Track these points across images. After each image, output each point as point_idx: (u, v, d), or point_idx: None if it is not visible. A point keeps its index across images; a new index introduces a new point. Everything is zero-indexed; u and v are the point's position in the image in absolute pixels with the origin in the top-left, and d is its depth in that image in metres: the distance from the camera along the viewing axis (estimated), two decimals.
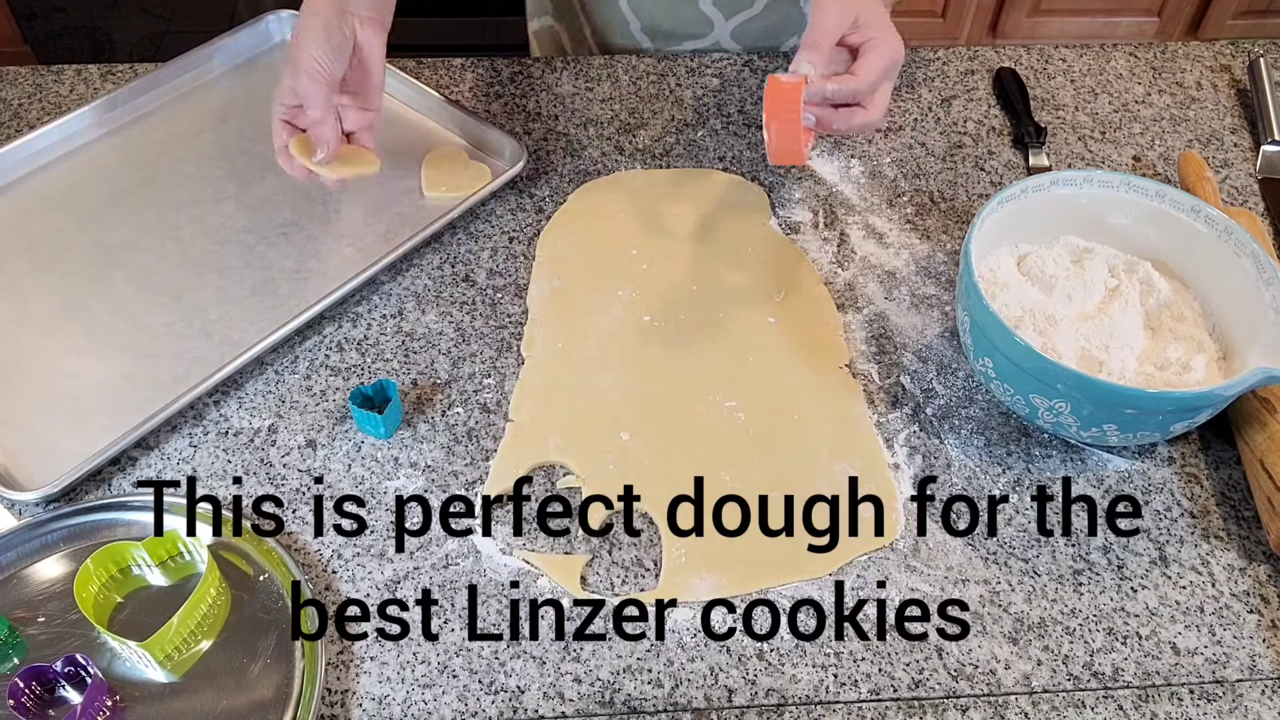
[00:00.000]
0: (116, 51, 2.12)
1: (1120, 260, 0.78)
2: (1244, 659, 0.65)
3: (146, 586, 0.66)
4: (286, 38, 1.02)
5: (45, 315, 0.79)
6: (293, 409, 0.75)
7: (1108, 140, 0.97)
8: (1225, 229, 0.75)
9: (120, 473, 0.71)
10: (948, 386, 0.78)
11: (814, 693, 0.63)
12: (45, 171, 0.90)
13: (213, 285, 0.82)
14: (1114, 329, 0.73)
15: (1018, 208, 0.77)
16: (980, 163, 0.95)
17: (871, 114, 0.77)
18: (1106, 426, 0.69)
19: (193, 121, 0.94)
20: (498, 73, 1.00)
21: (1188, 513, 0.72)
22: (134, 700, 0.61)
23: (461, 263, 0.85)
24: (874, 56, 0.76)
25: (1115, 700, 0.63)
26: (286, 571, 0.65)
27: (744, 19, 1.03)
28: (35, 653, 0.63)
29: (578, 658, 0.64)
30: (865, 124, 0.77)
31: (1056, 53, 1.06)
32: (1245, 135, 0.98)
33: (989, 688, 0.63)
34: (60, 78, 0.98)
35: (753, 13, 1.03)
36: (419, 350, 0.79)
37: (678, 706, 0.62)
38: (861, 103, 0.77)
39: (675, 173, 0.92)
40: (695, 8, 1.02)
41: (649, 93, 0.99)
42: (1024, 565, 0.69)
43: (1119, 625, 0.66)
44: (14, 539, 0.67)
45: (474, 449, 0.73)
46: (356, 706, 0.62)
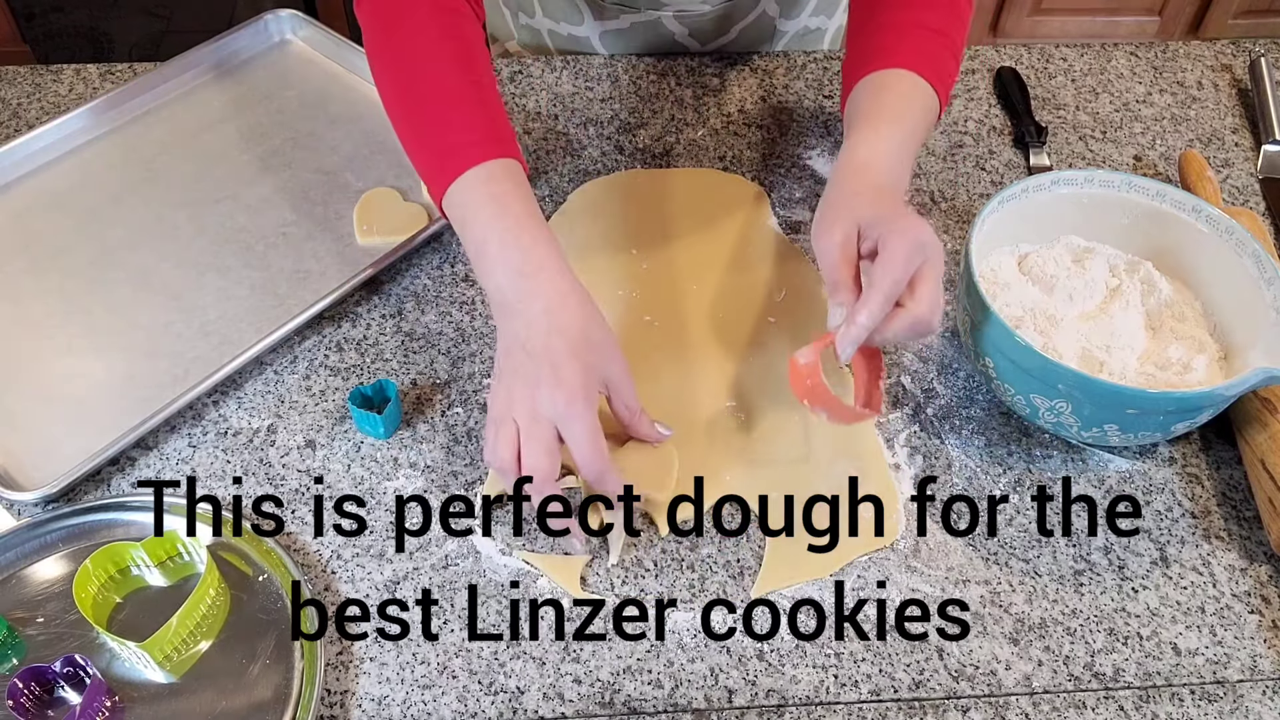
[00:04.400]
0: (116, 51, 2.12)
1: (1121, 260, 0.78)
2: (1245, 659, 0.65)
3: (146, 587, 0.66)
4: (286, 37, 1.02)
5: (45, 315, 0.79)
6: (292, 409, 0.75)
7: (1109, 140, 0.97)
8: (1226, 229, 0.75)
9: (119, 473, 0.71)
10: (948, 386, 0.78)
11: (814, 693, 0.63)
12: (45, 171, 0.89)
13: (212, 285, 0.82)
14: (1115, 329, 0.73)
15: (1018, 207, 0.77)
16: (981, 162, 0.95)
17: (916, 310, 0.64)
18: (1107, 426, 0.69)
19: (193, 121, 0.94)
20: (498, 73, 1.00)
21: (1189, 513, 0.72)
22: (133, 701, 0.61)
23: (461, 262, 0.85)
24: (887, 251, 0.64)
25: (1116, 701, 0.63)
26: (286, 572, 0.65)
27: (720, 44, 1.03)
28: (34, 653, 0.63)
29: (578, 658, 0.64)
30: (915, 324, 0.65)
31: (1057, 52, 1.06)
32: (1246, 135, 0.98)
33: (990, 688, 0.63)
34: (59, 77, 0.98)
35: (728, 38, 1.02)
36: (419, 350, 0.79)
37: (678, 707, 0.62)
38: (900, 301, 0.65)
39: (675, 173, 0.92)
40: (670, 39, 1.02)
41: (649, 93, 0.99)
42: (1025, 565, 0.69)
43: (1120, 626, 0.66)
44: (13, 539, 0.67)
45: (474, 449, 0.73)
46: (356, 707, 0.62)
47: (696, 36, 1.01)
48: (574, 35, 1.02)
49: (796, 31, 1.05)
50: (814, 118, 0.97)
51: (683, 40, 1.01)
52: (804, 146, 0.94)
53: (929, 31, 0.75)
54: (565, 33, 1.03)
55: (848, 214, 0.67)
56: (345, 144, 0.93)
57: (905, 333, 0.65)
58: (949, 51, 0.76)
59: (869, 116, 0.73)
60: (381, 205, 0.87)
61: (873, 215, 0.66)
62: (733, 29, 1.01)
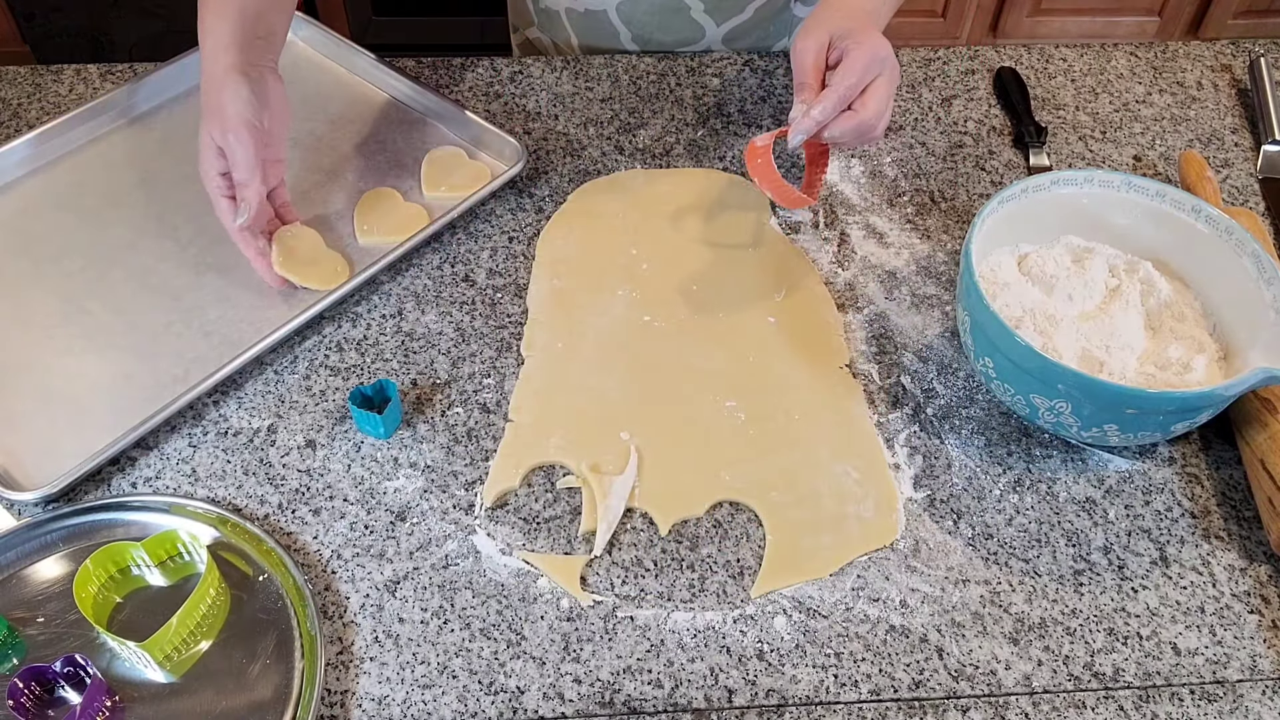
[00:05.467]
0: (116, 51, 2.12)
1: (1121, 260, 0.78)
2: (1245, 659, 0.65)
3: (146, 587, 0.66)
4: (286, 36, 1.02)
5: (45, 315, 0.79)
6: (292, 409, 0.75)
7: (1108, 140, 0.97)
8: (1226, 229, 0.75)
9: (119, 473, 0.71)
10: (948, 386, 0.78)
11: (814, 693, 0.63)
12: (45, 171, 0.89)
13: (212, 285, 0.82)
14: (1115, 329, 0.73)
15: (1018, 207, 0.77)
16: (981, 162, 0.95)
17: (862, 114, 0.75)
18: (1107, 426, 0.69)
19: (192, 122, 0.93)
20: (498, 72, 1.00)
21: (1188, 513, 0.72)
22: (133, 701, 0.61)
23: (461, 263, 0.85)
24: (849, 59, 0.75)
25: (1116, 701, 0.63)
26: (286, 571, 0.65)
27: (734, 25, 1.03)
28: (35, 653, 0.63)
29: (578, 658, 0.64)
30: (859, 126, 0.75)
31: (1057, 52, 1.06)
32: (1246, 135, 0.98)
33: (989, 688, 0.63)
34: (59, 77, 0.98)
35: (743, 18, 1.03)
36: (419, 350, 0.79)
37: (678, 707, 0.62)
38: (851, 105, 0.76)
39: (675, 173, 0.92)
40: (686, 16, 1.02)
41: (649, 93, 0.99)
42: (1024, 565, 0.69)
43: (1120, 625, 0.66)
44: (13, 539, 0.67)
45: (474, 449, 0.73)
46: (356, 707, 0.62)
47: (711, 12, 1.02)
48: (590, 10, 1.03)
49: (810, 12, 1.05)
50: None
51: (698, 16, 1.02)
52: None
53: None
54: (582, 9, 1.04)
55: (823, 26, 0.77)
56: (345, 144, 0.93)
57: (850, 133, 0.76)
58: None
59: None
60: (381, 205, 0.87)
61: (843, 29, 0.76)
62: (748, 6, 1.01)
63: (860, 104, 0.75)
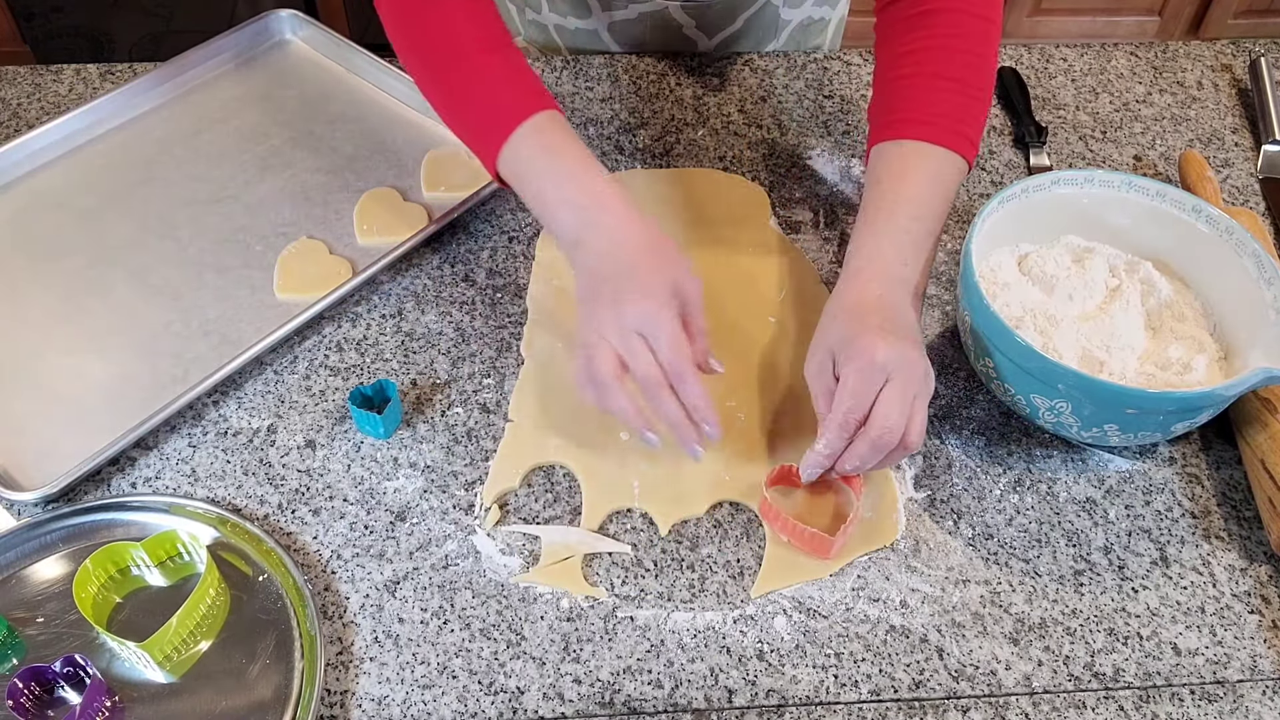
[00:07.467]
0: (116, 51, 2.12)
1: (1121, 260, 0.78)
2: (1245, 659, 0.65)
3: (145, 587, 0.66)
4: (286, 37, 1.02)
5: (44, 315, 0.79)
6: (292, 409, 0.75)
7: (1108, 140, 0.97)
8: (1226, 229, 0.75)
9: (119, 473, 0.71)
10: (948, 386, 0.78)
11: (814, 693, 0.63)
12: (45, 171, 0.89)
13: (212, 285, 0.82)
14: (1115, 329, 0.73)
15: (1018, 207, 0.77)
16: (981, 162, 0.95)
17: (868, 432, 0.63)
18: (1107, 426, 0.69)
19: (193, 121, 0.94)
20: None
21: (1189, 513, 0.72)
22: (133, 701, 0.61)
23: (461, 263, 0.85)
24: (842, 378, 0.65)
25: (1116, 701, 0.63)
26: (286, 572, 0.65)
27: (725, 35, 1.03)
28: (34, 653, 0.63)
29: (578, 658, 0.64)
30: (875, 446, 0.64)
31: (1057, 52, 1.06)
32: (1246, 135, 0.98)
33: (990, 688, 0.63)
34: (59, 77, 0.98)
35: (734, 28, 1.02)
36: (419, 350, 0.79)
37: (678, 707, 0.62)
38: None
39: (675, 173, 0.92)
40: (678, 33, 1.02)
41: (649, 93, 0.99)
42: (1024, 565, 0.69)
43: (1120, 626, 0.66)
44: (13, 539, 0.67)
45: (474, 449, 0.73)
46: (356, 707, 0.62)
47: (703, 28, 1.01)
48: (581, 29, 1.03)
49: (800, 22, 1.04)
50: (814, 118, 0.97)
51: (689, 33, 1.01)
52: (804, 146, 0.94)
53: (950, 83, 0.72)
54: (572, 27, 1.03)
55: (823, 341, 0.68)
56: (345, 144, 0.93)
57: (866, 457, 0.64)
58: (975, 99, 0.74)
59: (878, 206, 0.71)
60: (381, 205, 0.87)
61: (841, 339, 0.66)
62: (739, 18, 1.01)
63: (869, 422, 0.64)
